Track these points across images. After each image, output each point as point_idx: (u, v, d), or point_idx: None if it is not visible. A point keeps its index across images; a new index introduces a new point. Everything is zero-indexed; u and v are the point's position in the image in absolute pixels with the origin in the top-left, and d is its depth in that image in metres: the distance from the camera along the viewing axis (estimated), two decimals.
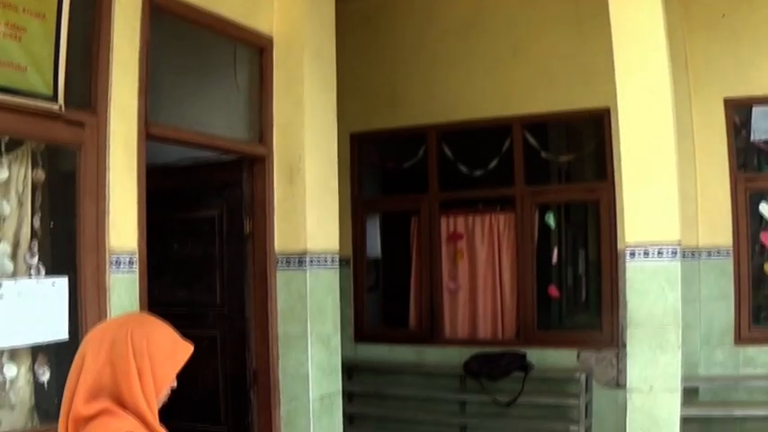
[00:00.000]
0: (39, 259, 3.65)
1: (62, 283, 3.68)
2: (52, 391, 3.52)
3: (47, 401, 3.54)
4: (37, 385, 3.56)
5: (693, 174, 6.77)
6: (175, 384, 2.56)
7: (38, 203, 3.73)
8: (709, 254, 6.69)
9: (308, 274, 4.87)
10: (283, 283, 4.94)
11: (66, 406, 2.45)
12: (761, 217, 6.82)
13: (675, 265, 4.67)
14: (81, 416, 2.39)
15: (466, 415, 7.70)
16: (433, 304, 7.98)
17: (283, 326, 4.91)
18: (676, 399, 4.71)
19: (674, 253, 4.65)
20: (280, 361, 4.92)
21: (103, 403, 2.39)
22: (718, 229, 6.77)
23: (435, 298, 7.97)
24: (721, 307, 6.62)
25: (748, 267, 6.66)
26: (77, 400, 2.40)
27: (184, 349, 2.53)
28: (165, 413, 2.54)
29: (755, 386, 6.44)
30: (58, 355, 3.59)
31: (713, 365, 6.63)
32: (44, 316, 3.58)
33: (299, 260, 4.88)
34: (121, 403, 2.40)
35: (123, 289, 3.93)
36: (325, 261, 5.00)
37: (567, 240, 8.22)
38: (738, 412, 6.35)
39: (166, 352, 2.48)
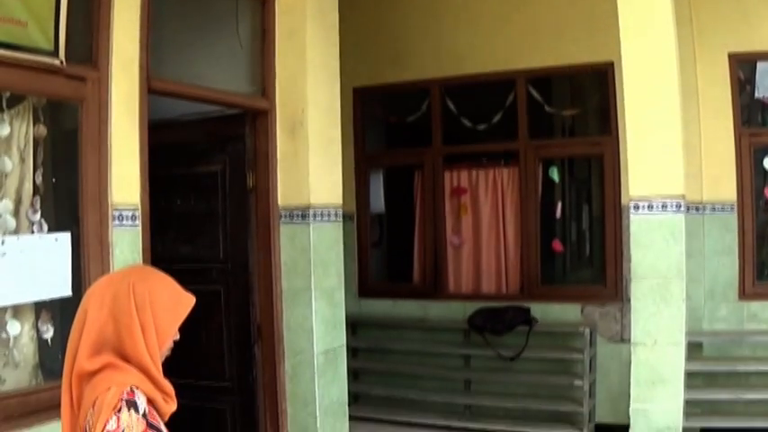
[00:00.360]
0: (41, 215, 3.64)
1: (65, 238, 3.67)
2: (56, 348, 3.53)
3: (51, 359, 3.55)
4: (41, 342, 3.56)
5: (698, 129, 6.74)
6: (178, 337, 2.56)
7: (40, 159, 3.71)
8: (714, 209, 6.68)
9: (311, 228, 4.86)
10: (287, 238, 4.93)
11: (69, 361, 2.45)
12: (765, 172, 6.80)
13: (679, 219, 4.65)
14: (85, 371, 2.40)
15: (470, 369, 7.75)
16: (436, 259, 7.99)
17: (287, 280, 4.91)
18: (680, 352, 4.72)
19: (678, 206, 4.63)
20: (284, 315, 4.93)
21: (107, 358, 2.40)
22: (722, 184, 6.75)
23: (439, 253, 7.98)
24: (725, 262, 6.62)
25: (752, 222, 6.66)
26: (81, 355, 2.41)
27: (187, 301, 2.53)
28: (170, 370, 2.55)
29: (759, 341, 6.47)
30: (62, 312, 3.59)
31: (717, 321, 6.66)
32: (47, 272, 3.57)
33: (302, 214, 4.87)
34: (125, 357, 2.41)
35: (126, 243, 3.93)
36: (329, 215, 4.99)
37: (571, 195, 8.21)
38: (742, 367, 6.38)
39: (169, 304, 2.48)
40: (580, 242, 7.81)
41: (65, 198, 3.80)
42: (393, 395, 7.95)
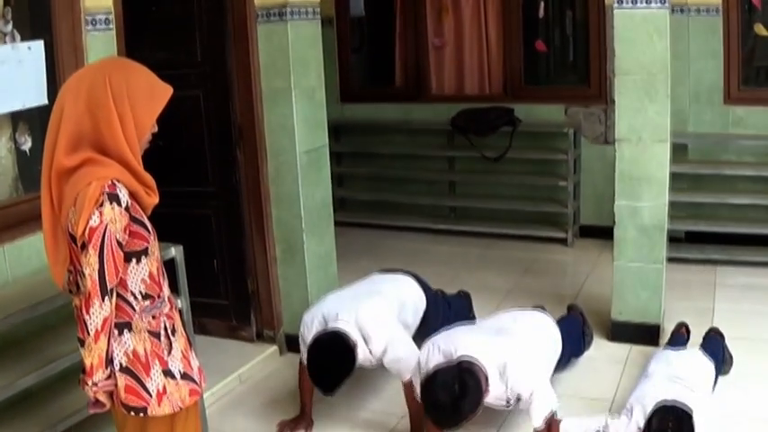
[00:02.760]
0: (12, 26, 3.51)
1: (38, 46, 3.55)
2: (35, 159, 3.46)
3: (30, 170, 3.50)
4: (19, 154, 3.51)
5: None
6: (156, 129, 2.51)
7: None
8: (699, 11, 6.49)
9: (288, 27, 4.69)
10: (264, 37, 4.77)
11: (47, 160, 2.41)
12: None
13: (664, 14, 4.53)
14: (64, 167, 2.36)
15: (454, 172, 7.81)
16: (418, 61, 7.86)
17: (266, 81, 4.79)
18: (665, 150, 4.71)
19: (663, 1, 4.50)
20: (264, 116, 4.84)
21: (86, 153, 2.35)
22: None
23: (421, 55, 7.85)
24: (710, 65, 6.52)
25: (738, 26, 6.49)
26: (59, 151, 2.36)
27: (164, 91, 2.47)
28: (155, 178, 2.51)
29: (745, 146, 6.47)
30: (40, 122, 3.52)
31: (702, 125, 6.64)
32: (22, 82, 3.47)
33: (279, 12, 4.69)
34: (104, 152, 2.37)
35: (101, 47, 3.80)
36: (306, 13, 4.81)
37: None
38: (728, 171, 6.41)
39: (146, 94, 2.42)
40: (564, 43, 7.65)
41: (36, 6, 3.64)
42: (378, 199, 8.04)
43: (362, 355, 3.89)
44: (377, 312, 3.99)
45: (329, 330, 3.89)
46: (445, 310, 4.80)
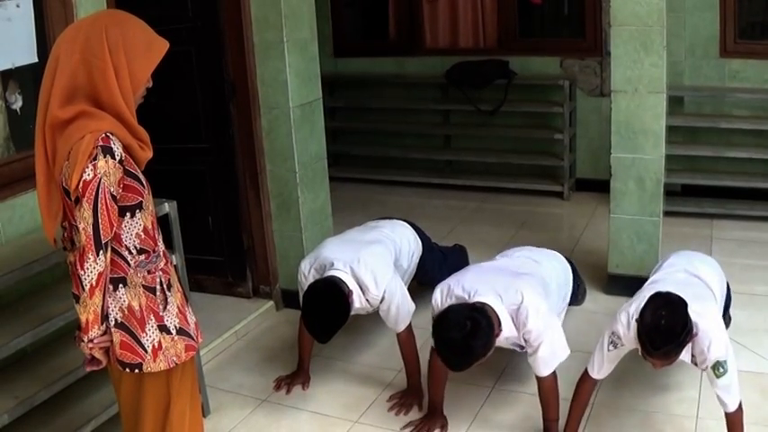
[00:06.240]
0: None
1: (27, 3, 3.47)
2: (26, 117, 3.42)
3: (21, 129, 3.45)
4: (10, 113, 3.45)
5: None
6: (151, 84, 2.48)
7: None
8: None
9: None
10: None
11: (41, 112, 2.38)
12: None
13: None
14: (58, 120, 2.33)
15: (449, 125, 7.77)
16: (412, 14, 7.77)
17: (258, 34, 4.72)
18: (661, 101, 4.68)
19: None
20: (257, 70, 4.78)
21: (80, 105, 2.33)
22: None
23: (415, 8, 7.74)
24: (706, 17, 6.44)
25: None
26: (53, 104, 2.34)
27: (160, 45, 2.44)
28: (148, 135, 2.49)
29: (741, 99, 6.42)
30: (30, 80, 3.47)
31: (698, 78, 6.59)
32: (11, 40, 3.42)
33: None
34: (98, 104, 2.34)
35: (90, 4, 3.71)
36: None
37: None
38: (725, 124, 6.37)
39: (142, 47, 2.39)
40: None
41: None
42: (373, 154, 8.01)
43: (358, 302, 3.86)
44: (374, 260, 3.95)
45: (324, 277, 3.87)
46: (440, 260, 4.80)
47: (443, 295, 3.63)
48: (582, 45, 7.06)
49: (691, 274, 3.69)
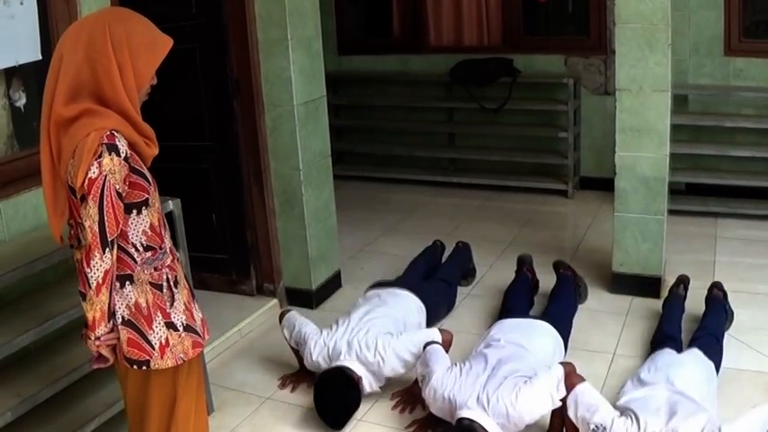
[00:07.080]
0: None
1: (30, 1, 3.47)
2: (30, 115, 3.42)
3: (25, 127, 3.45)
4: (14, 110, 3.45)
5: None
6: (155, 81, 2.48)
7: None
8: None
9: None
10: None
11: (46, 110, 2.37)
12: None
13: None
14: (63, 118, 2.33)
15: (454, 123, 7.76)
16: (417, 12, 7.76)
17: (263, 31, 4.71)
18: (666, 100, 4.66)
19: None
20: (261, 68, 4.78)
21: (85, 103, 2.32)
22: None
23: (419, 5, 7.73)
24: (711, 16, 6.43)
25: None
26: (57, 102, 2.33)
27: (164, 42, 2.43)
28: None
29: (745, 98, 6.40)
30: (34, 78, 3.46)
31: (702, 76, 6.58)
32: (15, 38, 3.40)
33: None
34: (103, 102, 2.34)
35: (94, 1, 3.72)
36: None
37: None
38: (729, 123, 6.36)
39: (146, 45, 2.38)
40: None
41: None
42: (377, 152, 8.00)
43: (369, 387, 3.92)
44: (379, 346, 3.93)
45: (333, 368, 3.90)
46: (444, 291, 4.91)
47: (429, 396, 3.62)
48: (586, 43, 7.05)
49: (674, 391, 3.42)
